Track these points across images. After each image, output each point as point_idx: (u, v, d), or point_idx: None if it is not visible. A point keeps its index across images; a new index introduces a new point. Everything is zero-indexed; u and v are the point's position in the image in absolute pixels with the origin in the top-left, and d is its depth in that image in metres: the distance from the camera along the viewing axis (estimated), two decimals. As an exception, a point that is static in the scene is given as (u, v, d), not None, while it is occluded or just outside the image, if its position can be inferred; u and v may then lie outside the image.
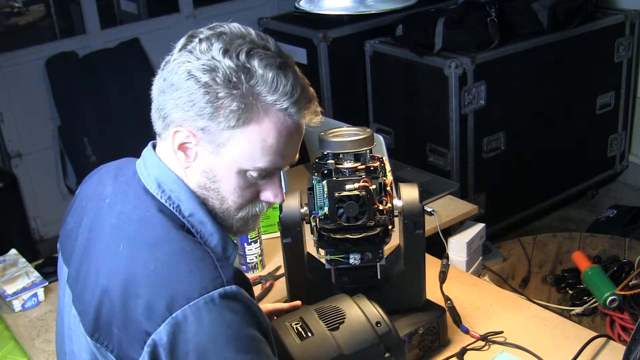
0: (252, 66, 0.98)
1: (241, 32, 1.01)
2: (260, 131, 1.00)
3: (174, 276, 0.96)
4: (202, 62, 0.98)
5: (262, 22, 3.76)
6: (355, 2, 1.66)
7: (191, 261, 0.97)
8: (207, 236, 1.05)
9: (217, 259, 0.99)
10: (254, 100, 0.98)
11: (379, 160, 1.47)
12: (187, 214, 1.04)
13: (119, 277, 0.98)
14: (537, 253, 2.37)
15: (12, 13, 3.77)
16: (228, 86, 0.97)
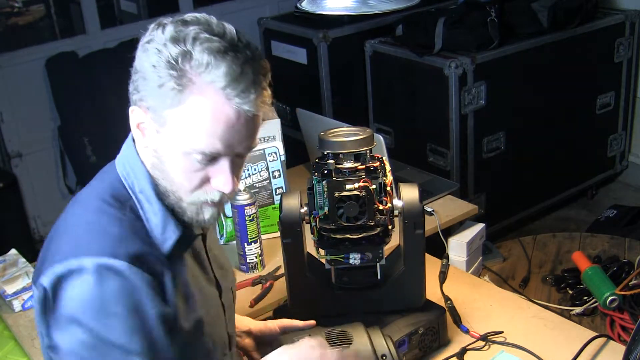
0: (193, 50, 1.01)
1: (202, 19, 1.06)
2: (195, 111, 1.02)
3: (77, 235, 1.06)
4: (153, 46, 1.03)
5: (262, 22, 3.77)
6: (357, 2, 1.66)
7: (97, 229, 1.06)
8: (151, 214, 1.10)
9: (124, 237, 1.05)
10: (190, 82, 1.01)
11: (379, 160, 1.47)
12: (137, 190, 1.11)
13: (54, 228, 1.12)
14: (537, 253, 2.37)
15: (12, 13, 3.77)
16: (168, 67, 1.01)
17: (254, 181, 2.02)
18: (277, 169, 2.04)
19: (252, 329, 1.47)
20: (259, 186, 2.03)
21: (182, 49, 1.01)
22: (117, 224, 1.07)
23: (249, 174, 2.01)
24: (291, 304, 1.59)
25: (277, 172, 2.04)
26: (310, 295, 1.56)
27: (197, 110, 1.02)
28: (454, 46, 3.12)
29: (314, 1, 1.71)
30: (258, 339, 1.46)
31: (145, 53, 1.05)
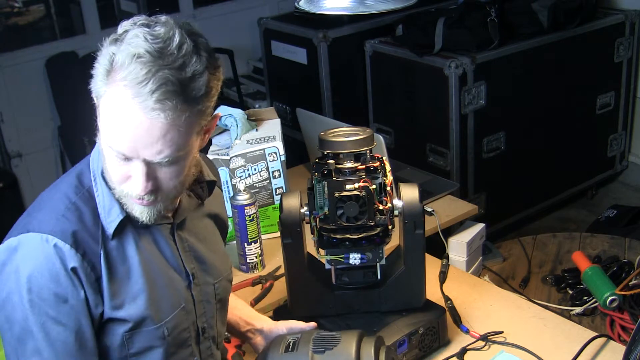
0: (119, 50, 1.06)
1: (154, 23, 1.12)
2: (107, 104, 1.07)
3: (33, 210, 1.16)
4: (105, 47, 1.08)
5: (262, 22, 3.76)
6: (355, 2, 1.66)
7: (49, 205, 1.15)
8: (102, 197, 1.16)
9: (65, 215, 1.13)
10: (110, 78, 1.06)
11: (379, 160, 1.47)
12: (98, 173, 1.18)
13: None
14: (537, 253, 2.37)
15: (12, 13, 3.77)
16: (100, 62, 1.07)
17: (254, 181, 2.02)
18: (277, 169, 2.04)
19: (265, 328, 1.49)
20: (259, 186, 2.03)
21: (116, 48, 1.06)
22: (64, 201, 1.15)
23: (249, 174, 2.01)
24: (291, 304, 1.59)
25: (277, 172, 2.04)
26: (310, 295, 1.56)
27: (108, 104, 1.07)
28: (454, 46, 3.11)
29: (311, 1, 1.71)
30: (267, 338, 1.48)
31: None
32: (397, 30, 3.36)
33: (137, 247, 1.19)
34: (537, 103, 3.34)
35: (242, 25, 4.02)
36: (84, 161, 1.22)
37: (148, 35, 1.07)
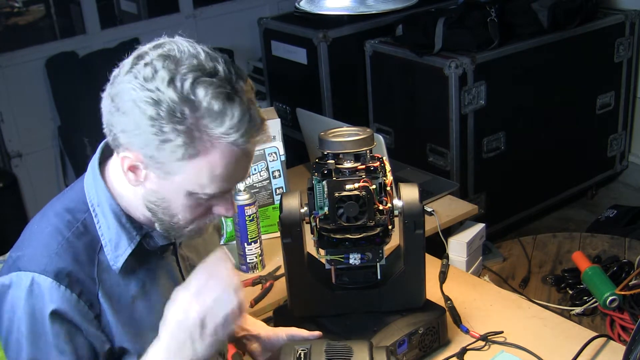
0: (196, 98, 0.98)
1: (189, 53, 1.01)
2: (208, 163, 1.01)
3: (24, 245, 1.11)
4: (146, 94, 0.98)
5: (262, 22, 3.76)
6: (355, 2, 1.66)
7: (42, 243, 1.09)
8: (104, 229, 1.11)
9: (58, 252, 1.07)
10: (200, 134, 0.99)
11: (379, 160, 1.47)
12: (96, 204, 1.12)
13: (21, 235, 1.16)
14: (537, 253, 2.37)
15: (12, 13, 3.77)
16: (172, 120, 0.97)
17: (254, 181, 2.02)
18: (277, 169, 2.04)
19: (262, 334, 1.46)
20: (259, 186, 2.03)
21: (185, 97, 0.97)
22: (57, 237, 1.09)
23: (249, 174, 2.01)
24: (291, 304, 1.59)
25: (277, 172, 2.04)
26: (310, 295, 1.56)
27: (210, 162, 1.01)
28: (454, 46, 3.11)
29: (312, 1, 1.71)
30: (266, 345, 1.45)
31: (134, 100, 0.99)
32: (397, 30, 3.36)
33: (143, 275, 1.16)
34: (537, 103, 3.34)
35: (242, 25, 4.01)
36: (71, 193, 1.15)
37: (204, 74, 0.99)
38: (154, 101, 0.97)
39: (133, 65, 1.01)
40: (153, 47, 1.03)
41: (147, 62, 1.00)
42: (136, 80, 0.99)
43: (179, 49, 1.01)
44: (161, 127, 0.98)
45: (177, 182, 1.03)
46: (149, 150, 1.00)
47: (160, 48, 1.02)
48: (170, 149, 0.99)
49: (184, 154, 0.99)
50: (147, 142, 1.00)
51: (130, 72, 1.01)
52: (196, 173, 1.02)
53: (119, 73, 1.04)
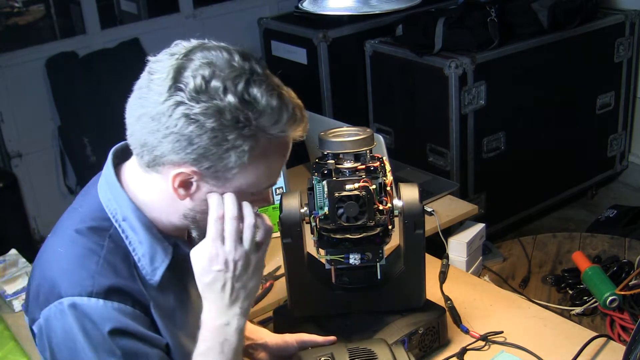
0: (254, 99, 0.97)
1: (225, 57, 0.99)
2: (267, 161, 1.02)
3: (60, 273, 1.02)
4: (202, 106, 0.95)
5: (262, 22, 3.76)
6: (358, 2, 1.66)
7: (77, 265, 1.02)
8: (136, 244, 1.07)
9: (99, 271, 1.01)
10: (261, 135, 0.99)
11: (379, 160, 1.47)
12: (121, 218, 1.06)
13: (41, 261, 1.08)
14: (537, 253, 2.37)
15: (12, 13, 3.77)
16: (237, 127, 0.96)
17: (254, 181, 2.02)
18: (277, 169, 2.03)
19: (269, 342, 1.42)
20: (259, 186, 2.03)
21: (245, 101, 0.96)
22: (93, 256, 1.03)
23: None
24: (291, 304, 1.59)
25: (277, 172, 2.04)
26: (310, 295, 1.56)
27: (269, 159, 1.02)
28: (454, 46, 3.11)
29: (315, 1, 1.71)
30: (274, 353, 1.42)
31: (188, 115, 0.95)
32: (397, 30, 3.36)
33: (176, 286, 1.12)
34: (537, 103, 3.34)
35: (242, 25, 4.01)
36: (86, 209, 1.09)
37: (248, 74, 0.99)
38: (215, 112, 0.95)
39: (175, 80, 0.97)
40: (185, 57, 0.99)
41: (192, 74, 0.96)
42: (185, 94, 0.95)
43: (214, 54, 0.99)
44: (225, 136, 0.96)
45: (233, 186, 1.02)
46: (208, 162, 0.98)
47: (195, 56, 0.99)
48: (236, 156, 0.98)
49: (249, 157, 0.99)
50: (206, 155, 0.97)
51: (175, 86, 0.96)
52: (256, 174, 1.02)
53: (151, 89, 0.99)
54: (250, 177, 1.02)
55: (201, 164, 0.99)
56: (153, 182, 1.05)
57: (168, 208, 1.07)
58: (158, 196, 1.06)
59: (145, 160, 1.02)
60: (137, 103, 1.00)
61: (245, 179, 1.02)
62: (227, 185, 1.02)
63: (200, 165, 0.99)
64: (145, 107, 0.98)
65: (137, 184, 1.08)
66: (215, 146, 0.97)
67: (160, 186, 1.05)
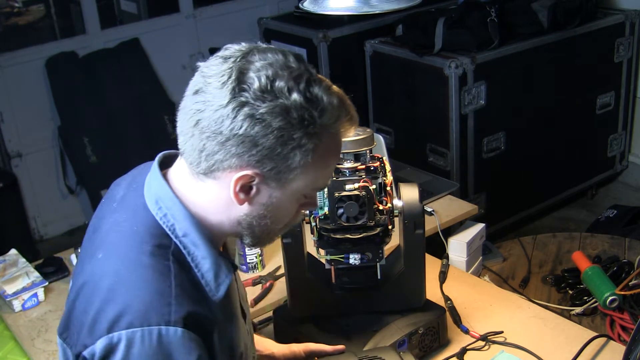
0: (316, 97, 0.97)
1: (280, 58, 0.98)
2: (326, 160, 1.02)
3: (127, 298, 0.95)
4: (268, 105, 0.94)
5: (262, 22, 3.76)
6: (359, 2, 1.66)
7: (148, 290, 0.96)
8: (200, 259, 1.02)
9: (176, 295, 0.96)
10: (324, 133, 0.98)
11: (379, 160, 1.47)
12: (180, 234, 1.02)
13: (90, 283, 1.00)
14: (537, 253, 2.37)
15: (12, 13, 3.77)
16: (302, 125, 0.96)
17: (254, 181, 2.02)
18: (277, 169, 2.03)
19: (276, 353, 1.41)
20: (259, 186, 2.03)
21: (309, 100, 0.96)
22: (165, 280, 0.97)
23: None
24: (291, 304, 1.59)
25: (277, 172, 2.04)
26: (310, 295, 1.56)
27: (328, 157, 1.01)
28: (454, 46, 3.12)
29: (315, 1, 1.71)
30: None
31: (253, 115, 0.94)
32: (397, 30, 3.36)
33: (226, 298, 1.07)
34: (537, 103, 3.34)
35: (242, 25, 4.01)
36: (139, 226, 1.02)
37: (308, 73, 0.99)
38: (282, 110, 0.94)
39: (239, 81, 0.94)
40: (244, 59, 0.97)
41: (256, 75, 0.95)
42: (250, 95, 0.94)
43: (271, 56, 0.98)
44: (291, 135, 0.95)
45: (293, 187, 1.01)
46: (272, 163, 0.97)
47: (254, 58, 0.97)
48: (301, 155, 0.97)
49: (312, 156, 0.98)
50: (271, 156, 0.96)
51: (239, 87, 0.95)
52: (316, 174, 1.01)
53: (210, 93, 0.96)
54: (310, 177, 1.01)
55: (264, 165, 0.97)
56: (207, 190, 1.02)
57: (222, 216, 1.04)
58: (214, 204, 1.03)
59: (203, 168, 0.99)
60: (193, 109, 0.97)
61: (305, 179, 1.00)
62: (287, 187, 1.01)
63: (263, 167, 0.97)
64: (204, 111, 0.96)
65: (191, 193, 1.04)
66: (281, 146, 0.95)
67: (215, 193, 1.01)
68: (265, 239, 1.09)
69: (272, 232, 1.08)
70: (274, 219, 1.04)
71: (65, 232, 3.77)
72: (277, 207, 1.03)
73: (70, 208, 3.75)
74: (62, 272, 1.95)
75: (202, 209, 1.03)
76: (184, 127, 0.99)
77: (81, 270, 1.04)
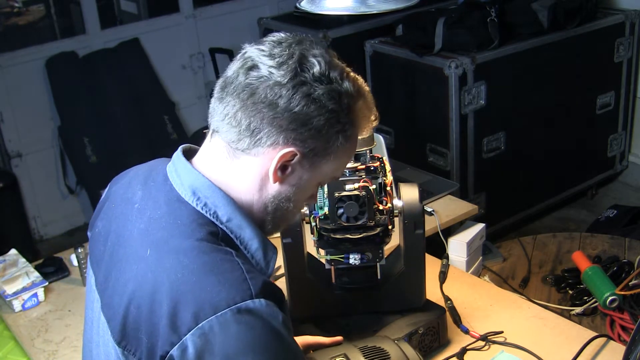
0: (359, 89, 1.05)
1: (321, 50, 1.04)
2: (352, 149, 1.09)
3: (201, 286, 0.94)
4: (327, 88, 1.00)
5: (262, 22, 3.76)
6: (356, 2, 1.66)
7: (220, 272, 0.95)
8: (248, 240, 1.04)
9: (247, 270, 0.97)
10: (359, 123, 1.07)
11: (379, 160, 1.47)
12: (224, 219, 1.03)
13: (146, 284, 0.97)
14: (537, 253, 2.37)
15: (12, 13, 3.78)
16: (349, 111, 1.03)
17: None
18: (277, 169, 2.03)
19: None
20: (259, 186, 2.03)
21: (355, 88, 1.04)
22: (231, 259, 0.98)
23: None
24: (291, 304, 1.59)
25: (277, 172, 2.04)
26: (310, 295, 1.56)
27: (354, 144, 1.08)
28: (454, 46, 3.12)
29: (313, 1, 1.71)
30: None
31: (310, 94, 0.99)
32: (397, 30, 3.36)
33: None
34: (537, 103, 3.34)
35: (242, 25, 4.02)
36: (182, 215, 1.02)
37: (341, 62, 1.06)
38: (337, 94, 1.01)
39: (301, 63, 1.00)
40: (299, 45, 1.02)
41: (317, 60, 1.01)
42: (309, 76, 1.00)
43: (320, 46, 1.04)
44: (339, 118, 1.02)
45: (322, 170, 1.06)
46: (315, 143, 1.01)
47: (310, 45, 1.03)
48: (342, 138, 1.03)
49: (348, 142, 1.05)
50: (317, 136, 1.01)
51: (301, 67, 1.00)
52: (341, 161, 1.07)
53: (266, 72, 1.00)
54: (337, 163, 1.06)
55: (306, 145, 1.01)
56: (242, 168, 1.04)
57: (254, 197, 1.06)
58: (247, 184, 1.05)
59: (244, 144, 1.01)
60: (244, 83, 1.01)
61: (333, 164, 1.06)
62: (317, 170, 1.05)
63: (306, 147, 1.01)
64: (258, 87, 1.00)
65: (225, 177, 1.05)
66: (330, 127, 1.01)
67: (251, 171, 1.04)
68: (281, 225, 1.13)
69: (288, 218, 1.12)
70: (296, 203, 1.08)
71: (65, 232, 3.77)
72: (302, 190, 1.07)
73: (70, 208, 3.75)
74: (62, 272, 1.95)
75: (236, 192, 1.05)
76: (226, 104, 1.02)
77: (124, 275, 1.01)
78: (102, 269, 1.09)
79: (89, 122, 3.59)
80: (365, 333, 1.49)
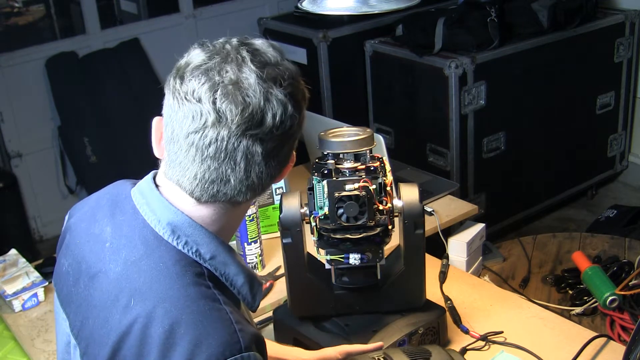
0: None
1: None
2: None
3: (190, 339, 0.89)
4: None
5: (262, 22, 3.76)
6: (358, 2, 1.65)
7: (209, 322, 0.91)
8: (233, 277, 0.99)
9: (235, 321, 0.93)
10: None
11: (379, 160, 1.47)
12: (207, 257, 0.97)
13: (131, 335, 0.92)
14: (537, 253, 2.37)
15: (12, 13, 3.78)
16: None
17: (254, 181, 2.02)
18: (277, 169, 2.03)
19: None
20: (259, 186, 2.03)
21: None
22: (220, 308, 0.93)
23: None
24: (291, 304, 1.59)
25: (277, 172, 2.04)
26: (310, 295, 1.56)
27: None
28: (454, 46, 3.12)
29: (314, 1, 1.70)
30: None
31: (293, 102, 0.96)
32: (397, 30, 3.36)
33: None
34: (537, 103, 3.34)
35: (242, 25, 4.01)
36: (165, 258, 0.95)
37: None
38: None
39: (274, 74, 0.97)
40: (253, 62, 0.98)
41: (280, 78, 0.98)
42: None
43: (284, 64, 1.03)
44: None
45: None
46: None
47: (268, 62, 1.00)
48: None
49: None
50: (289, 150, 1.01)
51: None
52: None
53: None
54: None
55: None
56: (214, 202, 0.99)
57: (235, 222, 1.04)
58: (225, 216, 1.00)
59: (208, 192, 0.96)
60: None
61: None
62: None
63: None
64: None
65: (199, 210, 0.98)
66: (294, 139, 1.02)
67: (223, 203, 0.99)
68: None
69: None
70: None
71: (65, 232, 3.77)
72: None
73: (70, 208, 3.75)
74: (62, 272, 1.95)
75: (213, 225, 0.99)
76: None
77: (105, 325, 0.95)
78: (76, 312, 1.02)
79: (89, 122, 3.59)
80: (365, 333, 1.49)
